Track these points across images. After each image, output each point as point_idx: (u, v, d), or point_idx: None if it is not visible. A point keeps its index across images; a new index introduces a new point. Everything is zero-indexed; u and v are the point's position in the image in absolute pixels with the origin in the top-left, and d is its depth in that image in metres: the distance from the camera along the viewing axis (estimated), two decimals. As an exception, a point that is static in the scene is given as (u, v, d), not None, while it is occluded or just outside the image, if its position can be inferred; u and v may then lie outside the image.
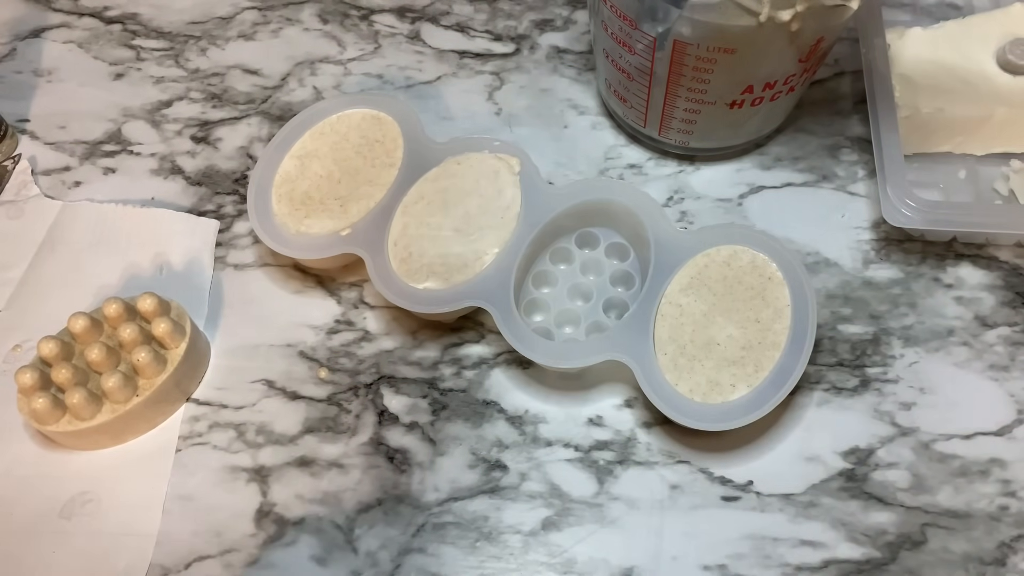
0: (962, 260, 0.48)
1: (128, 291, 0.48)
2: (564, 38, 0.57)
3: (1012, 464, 0.42)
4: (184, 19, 0.58)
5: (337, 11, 0.58)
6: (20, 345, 0.46)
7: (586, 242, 0.47)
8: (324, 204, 0.47)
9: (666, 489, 0.42)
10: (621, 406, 0.44)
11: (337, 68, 0.56)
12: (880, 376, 0.45)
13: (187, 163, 0.52)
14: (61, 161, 0.53)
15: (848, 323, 0.46)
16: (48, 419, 0.41)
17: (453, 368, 0.46)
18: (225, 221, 0.50)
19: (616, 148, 0.52)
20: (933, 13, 0.56)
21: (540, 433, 0.44)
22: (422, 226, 0.45)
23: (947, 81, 0.51)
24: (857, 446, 0.43)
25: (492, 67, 0.56)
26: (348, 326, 0.47)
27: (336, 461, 0.43)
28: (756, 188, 0.51)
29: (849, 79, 0.55)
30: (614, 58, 0.46)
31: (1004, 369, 0.45)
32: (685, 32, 0.40)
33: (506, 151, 0.47)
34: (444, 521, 0.42)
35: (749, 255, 0.44)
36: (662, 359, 0.42)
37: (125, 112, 0.55)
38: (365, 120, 0.49)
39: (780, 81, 0.44)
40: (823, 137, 0.52)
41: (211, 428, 0.44)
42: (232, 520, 0.42)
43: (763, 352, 0.41)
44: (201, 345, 0.46)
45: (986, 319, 0.46)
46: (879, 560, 0.40)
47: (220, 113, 0.54)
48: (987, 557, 0.40)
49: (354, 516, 0.42)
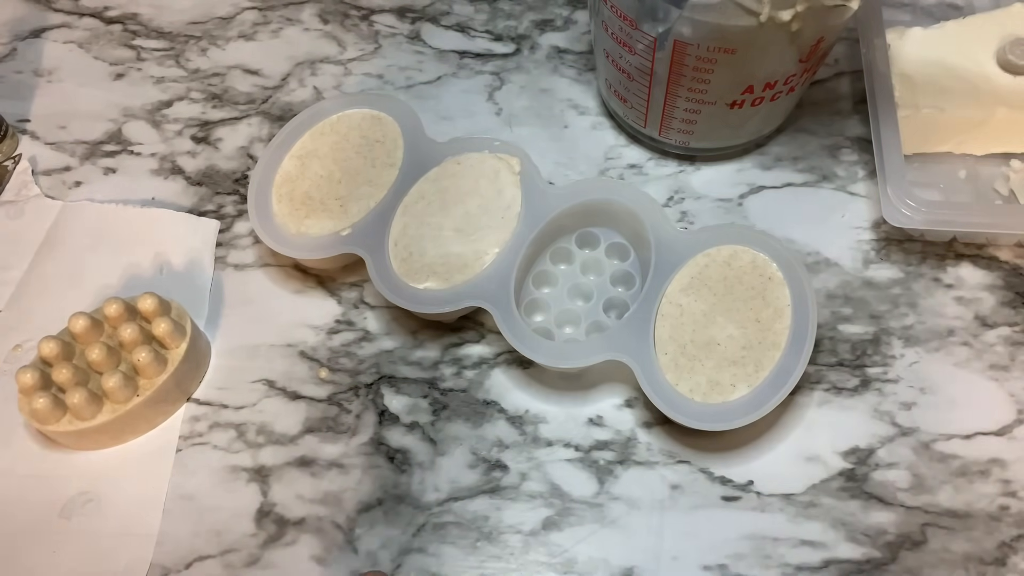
0: (962, 260, 0.48)
1: (128, 291, 0.48)
2: (564, 38, 0.57)
3: (1012, 464, 0.42)
4: (184, 19, 0.58)
5: (337, 11, 0.58)
6: (20, 345, 0.46)
7: (586, 242, 0.47)
8: (324, 204, 0.47)
9: (666, 489, 0.42)
10: (621, 406, 0.44)
11: (337, 68, 0.56)
12: (880, 376, 0.45)
13: (187, 163, 0.53)
14: (61, 161, 0.53)
15: (848, 323, 0.46)
16: (48, 419, 0.41)
17: (453, 368, 0.46)
18: (225, 221, 0.50)
19: (616, 148, 0.52)
20: (933, 13, 0.56)
21: (540, 433, 0.44)
22: (422, 226, 0.45)
23: (947, 81, 0.51)
24: (857, 446, 0.43)
25: (492, 67, 0.56)
26: (348, 326, 0.47)
27: (336, 461, 0.43)
28: (756, 188, 0.51)
29: (849, 79, 0.55)
30: (614, 58, 0.46)
31: (1004, 369, 0.45)
32: (685, 32, 0.40)
33: (506, 151, 0.47)
34: (444, 521, 0.42)
35: (749, 255, 0.44)
36: (662, 359, 0.42)
37: (125, 112, 0.55)
38: (365, 120, 0.49)
39: (780, 81, 0.44)
40: (823, 137, 0.52)
41: (211, 428, 0.44)
42: (232, 520, 0.42)
43: (763, 352, 0.41)
44: (201, 345, 0.46)
45: (986, 319, 0.46)
46: (879, 560, 0.40)
47: (220, 113, 0.54)
48: (987, 557, 0.40)
49: (354, 516, 0.42)
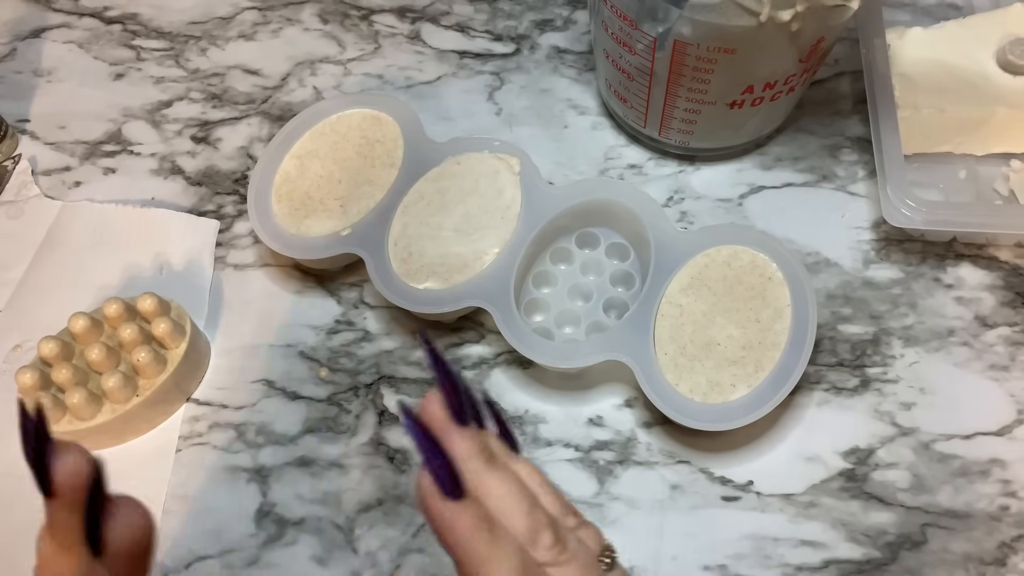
0: (962, 260, 0.48)
1: (128, 291, 0.48)
2: (564, 38, 0.57)
3: (1012, 464, 0.42)
4: (184, 19, 0.58)
5: (337, 11, 0.58)
6: (20, 345, 0.46)
7: (586, 242, 0.47)
8: (324, 204, 0.47)
9: (666, 489, 0.42)
10: (621, 406, 0.44)
11: (337, 68, 0.56)
12: (880, 376, 0.45)
13: (187, 163, 0.52)
14: (61, 161, 0.53)
15: (848, 323, 0.46)
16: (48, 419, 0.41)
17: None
18: (225, 221, 0.50)
19: (616, 148, 0.52)
20: (933, 13, 0.56)
21: (540, 433, 0.44)
22: (422, 226, 0.45)
23: (947, 81, 0.51)
24: (857, 446, 0.43)
25: (492, 67, 0.56)
26: (348, 326, 0.47)
27: (336, 461, 0.43)
28: (756, 188, 0.51)
29: (849, 79, 0.55)
30: (614, 58, 0.46)
31: (1004, 369, 0.45)
32: (685, 32, 0.40)
33: (506, 151, 0.47)
34: (444, 521, 0.42)
35: (749, 255, 0.44)
36: (662, 359, 0.42)
37: (125, 112, 0.55)
38: (365, 120, 0.49)
39: (780, 81, 0.44)
40: (823, 137, 0.52)
41: (211, 428, 0.44)
42: (232, 520, 0.42)
43: (763, 352, 0.41)
44: (201, 345, 0.46)
45: (986, 319, 0.46)
46: (879, 560, 0.40)
47: (220, 113, 0.54)
48: (987, 557, 0.40)
49: (354, 516, 0.42)
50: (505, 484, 0.25)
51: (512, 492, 0.25)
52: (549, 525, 0.25)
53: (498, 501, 0.25)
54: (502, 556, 0.24)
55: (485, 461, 0.25)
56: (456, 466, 0.24)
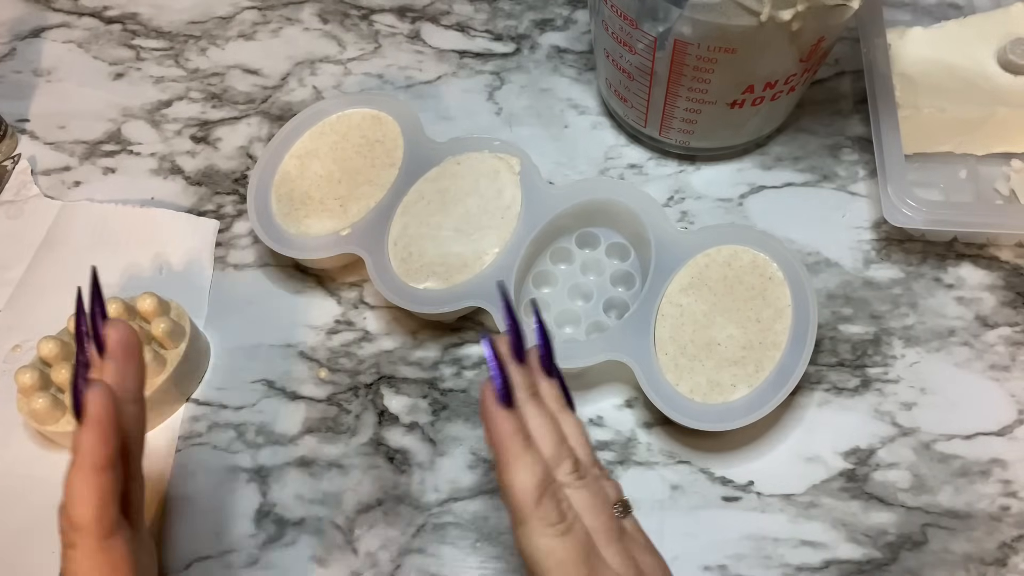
0: (963, 260, 0.48)
1: (128, 291, 0.48)
2: (564, 38, 0.57)
3: (1013, 464, 0.42)
4: (184, 19, 0.58)
5: (337, 11, 0.58)
6: (20, 345, 0.46)
7: (586, 242, 0.47)
8: (324, 204, 0.47)
9: (667, 489, 0.42)
10: (621, 406, 0.44)
11: (337, 68, 0.56)
12: (881, 376, 0.45)
13: (187, 163, 0.52)
14: (61, 161, 0.53)
15: (849, 323, 0.46)
16: (48, 419, 0.41)
17: (453, 368, 0.46)
18: (225, 221, 0.50)
19: (616, 148, 0.52)
20: (934, 13, 0.56)
21: (540, 433, 0.44)
22: (422, 226, 0.45)
23: (948, 81, 0.51)
24: (858, 446, 0.43)
25: (492, 67, 0.56)
26: (348, 326, 0.47)
27: (336, 461, 0.43)
28: (757, 188, 0.51)
29: (850, 79, 0.55)
30: (614, 58, 0.46)
31: (1005, 369, 0.45)
32: (686, 32, 0.40)
33: (506, 151, 0.47)
34: (444, 521, 0.42)
35: (750, 255, 0.44)
36: (663, 359, 0.42)
37: (125, 112, 0.55)
38: (365, 120, 0.49)
39: (781, 81, 0.44)
40: (824, 137, 0.52)
41: (211, 428, 0.44)
42: (232, 520, 0.42)
43: (764, 352, 0.41)
44: (201, 345, 0.45)
45: (987, 319, 0.46)
46: (880, 560, 0.40)
47: (220, 113, 0.54)
48: (988, 557, 0.40)
49: (354, 516, 0.42)
50: (541, 417, 0.31)
51: (546, 424, 0.31)
52: (572, 458, 0.31)
53: (535, 426, 0.31)
54: (529, 461, 0.29)
55: (531, 395, 0.31)
56: (511, 383, 0.31)
